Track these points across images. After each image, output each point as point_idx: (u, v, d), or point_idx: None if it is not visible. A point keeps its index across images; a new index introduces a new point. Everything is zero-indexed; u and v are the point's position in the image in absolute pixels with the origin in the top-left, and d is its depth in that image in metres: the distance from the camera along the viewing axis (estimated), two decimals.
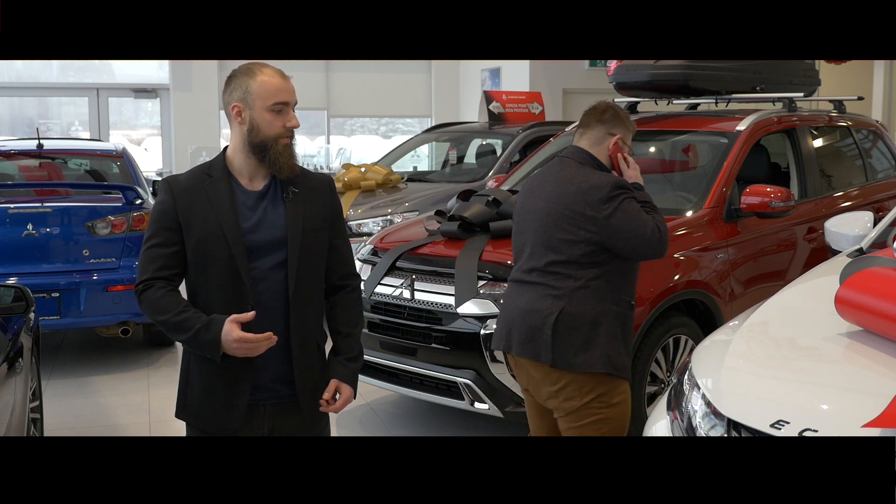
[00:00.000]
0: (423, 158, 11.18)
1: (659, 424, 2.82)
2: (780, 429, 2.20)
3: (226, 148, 2.53)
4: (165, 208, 2.47)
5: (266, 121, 2.43)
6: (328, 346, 2.64)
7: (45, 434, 4.48)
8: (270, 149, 2.44)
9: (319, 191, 2.56)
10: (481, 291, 4.29)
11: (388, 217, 6.97)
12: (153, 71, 14.05)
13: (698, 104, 6.50)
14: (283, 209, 2.48)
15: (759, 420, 2.27)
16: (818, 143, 5.68)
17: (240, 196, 2.48)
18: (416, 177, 8.33)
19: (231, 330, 2.33)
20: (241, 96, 2.44)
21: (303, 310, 2.49)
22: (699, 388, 2.58)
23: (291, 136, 2.49)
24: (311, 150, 14.48)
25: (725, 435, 2.36)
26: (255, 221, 2.46)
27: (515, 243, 3.36)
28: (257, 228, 2.46)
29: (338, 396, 2.57)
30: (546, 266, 3.13)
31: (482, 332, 4.21)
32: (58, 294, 5.78)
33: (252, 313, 2.37)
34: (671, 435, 2.68)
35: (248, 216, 2.46)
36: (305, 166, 2.68)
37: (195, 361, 2.52)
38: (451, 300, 4.35)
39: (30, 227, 5.82)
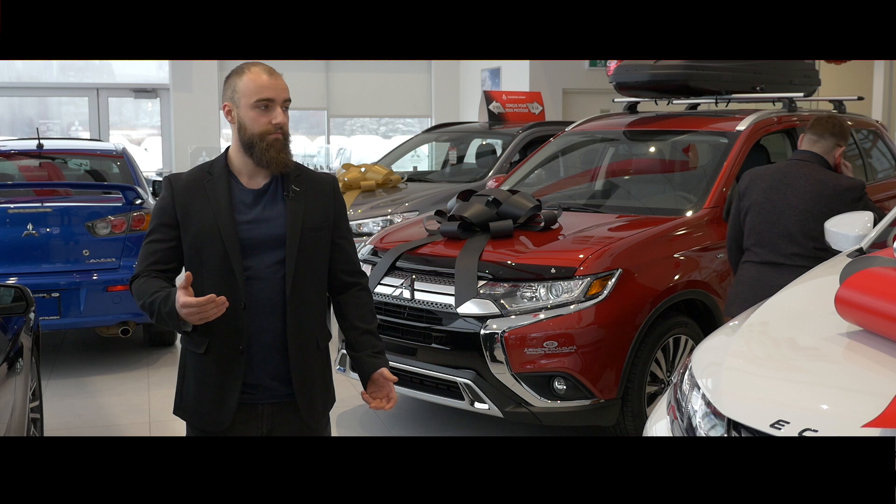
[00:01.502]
0: (423, 158, 11.16)
1: (659, 424, 2.82)
2: (780, 429, 2.20)
3: (229, 147, 2.54)
4: (165, 204, 2.49)
5: (251, 118, 2.42)
6: (331, 345, 2.63)
7: (45, 434, 4.48)
8: (256, 146, 2.43)
9: (322, 190, 2.55)
10: (481, 291, 4.29)
11: (388, 217, 6.96)
12: (153, 71, 14.05)
13: (698, 104, 6.49)
14: (283, 207, 2.47)
15: (759, 420, 2.27)
16: None
17: (238, 194, 2.47)
18: (416, 177, 8.32)
19: (179, 297, 2.29)
20: (230, 95, 2.46)
21: (301, 309, 2.48)
22: (699, 388, 2.58)
23: (282, 134, 2.45)
24: (311, 150, 14.48)
25: (725, 435, 2.36)
26: (252, 218, 2.46)
27: (756, 230, 3.98)
28: (254, 226, 2.46)
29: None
30: (812, 252, 3.83)
31: (482, 332, 4.21)
32: (58, 294, 5.78)
33: (188, 273, 2.33)
34: (671, 435, 2.68)
35: (246, 213, 2.46)
36: (306, 166, 2.67)
37: (190, 358, 2.53)
38: (451, 300, 4.35)
39: (30, 227, 5.81)
